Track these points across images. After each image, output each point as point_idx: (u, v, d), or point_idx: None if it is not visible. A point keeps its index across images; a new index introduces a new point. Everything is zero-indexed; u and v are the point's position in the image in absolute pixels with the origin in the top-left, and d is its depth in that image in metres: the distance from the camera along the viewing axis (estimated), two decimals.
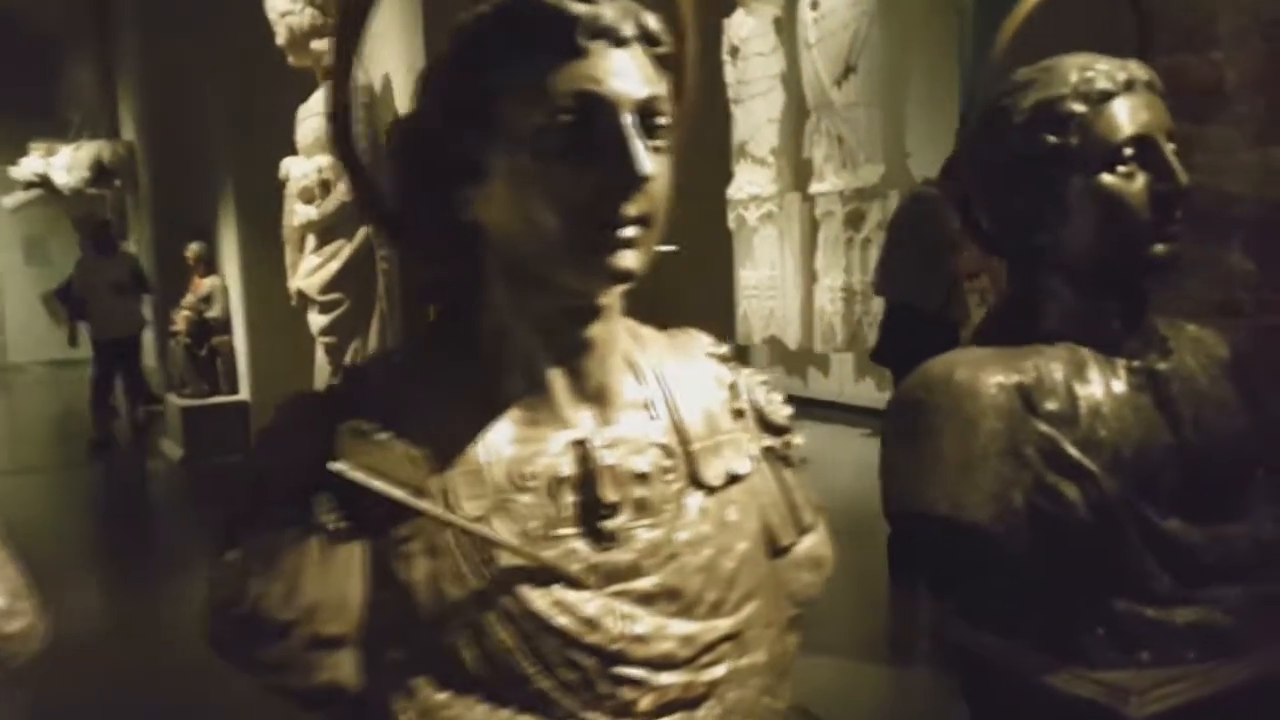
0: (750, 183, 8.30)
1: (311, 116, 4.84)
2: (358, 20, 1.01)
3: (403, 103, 4.95)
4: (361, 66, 4.82)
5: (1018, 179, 1.47)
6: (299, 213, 4.82)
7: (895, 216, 4.62)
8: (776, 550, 1.14)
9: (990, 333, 1.55)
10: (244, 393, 7.12)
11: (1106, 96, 1.43)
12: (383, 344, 4.80)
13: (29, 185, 10.51)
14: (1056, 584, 1.40)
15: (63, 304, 8.75)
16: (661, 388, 1.09)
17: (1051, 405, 1.41)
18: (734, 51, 8.22)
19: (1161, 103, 1.46)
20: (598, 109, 0.93)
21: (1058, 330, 1.48)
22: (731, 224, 8.44)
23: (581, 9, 0.94)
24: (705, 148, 8.56)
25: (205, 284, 7.42)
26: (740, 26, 8.17)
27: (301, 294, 4.86)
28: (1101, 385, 1.44)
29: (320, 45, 4.75)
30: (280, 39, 4.85)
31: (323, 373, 4.89)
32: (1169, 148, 1.42)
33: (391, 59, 5.10)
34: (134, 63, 9.12)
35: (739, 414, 1.14)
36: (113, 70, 10.92)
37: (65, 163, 10.32)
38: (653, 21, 1.00)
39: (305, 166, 4.81)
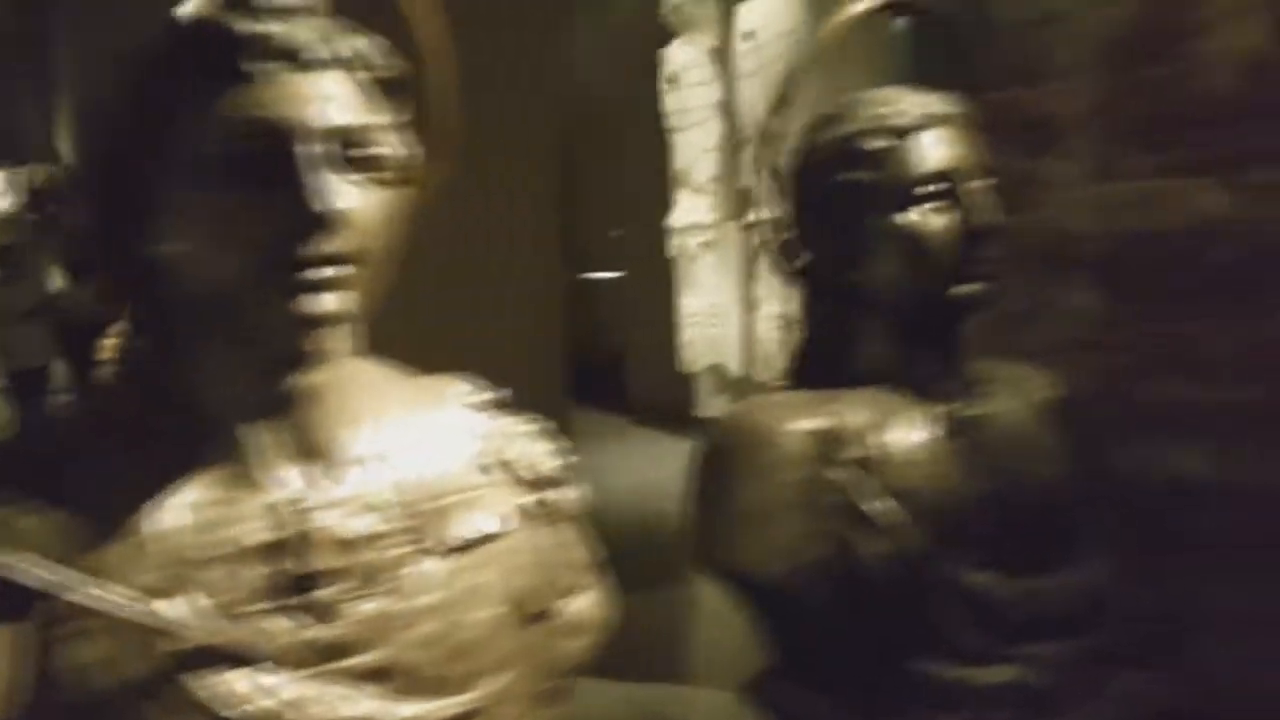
0: (690, 211, 8.27)
1: None
2: None
3: None
4: None
5: (823, 216, 1.42)
6: None
7: None
8: (536, 616, 1.06)
9: (801, 375, 1.49)
10: None
11: (908, 131, 1.38)
12: None
13: None
14: (859, 643, 1.34)
15: None
16: (394, 441, 1.00)
17: (853, 453, 1.35)
18: (672, 80, 8.22)
19: (970, 138, 1.41)
20: (271, 138, 0.86)
21: (868, 373, 1.42)
22: (673, 252, 8.40)
23: (251, 30, 0.86)
24: (646, 177, 8.58)
25: None
26: (678, 56, 8.17)
27: None
28: (908, 432, 1.38)
29: None
30: None
31: None
32: (973, 184, 1.37)
33: None
34: (70, 87, 9.00)
35: (493, 468, 1.06)
36: (51, 95, 10.78)
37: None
38: (362, 43, 0.93)
39: None
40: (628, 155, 8.36)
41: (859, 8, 1.50)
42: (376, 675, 0.91)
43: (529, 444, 1.11)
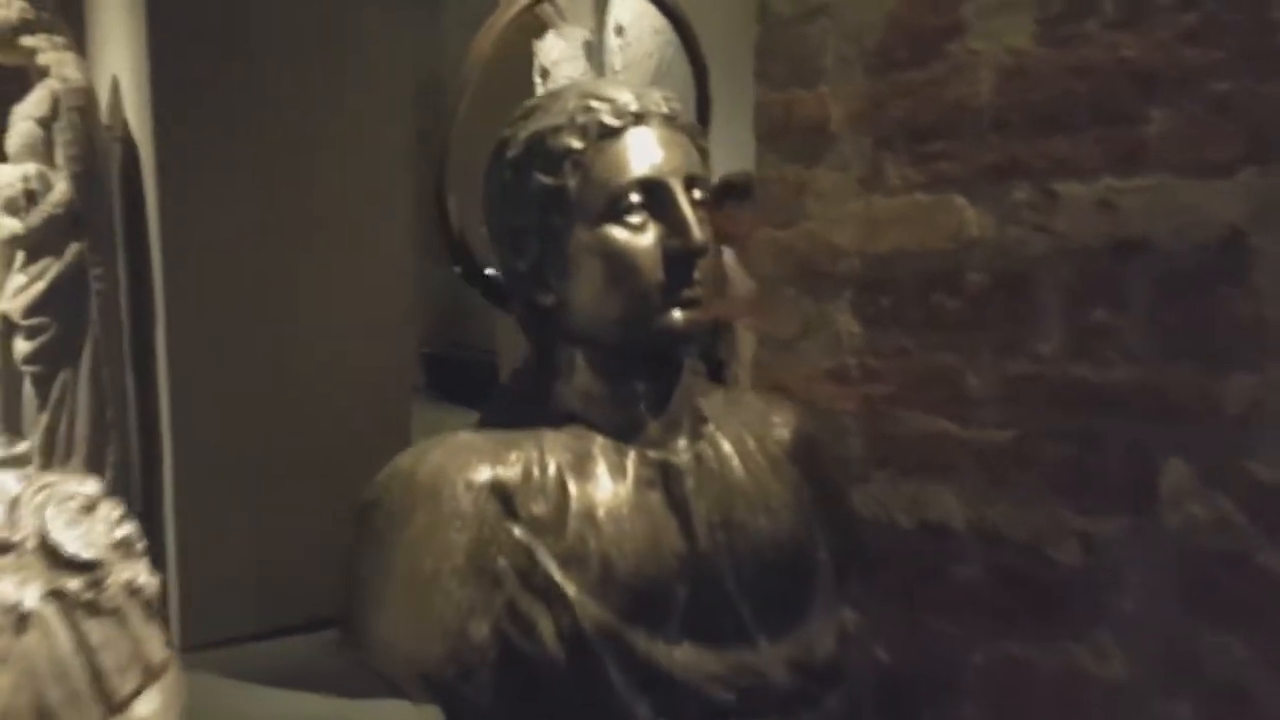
0: None
1: (23, 120, 4.37)
2: None
3: (130, 106, 4.53)
4: (80, 66, 4.39)
5: (515, 226, 1.22)
6: (3, 225, 4.34)
7: None
8: None
9: (505, 408, 1.29)
10: None
11: (611, 132, 1.17)
12: (95, 373, 4.35)
13: None
14: None
15: None
16: None
17: (537, 508, 1.13)
18: (544, 73, 7.98)
19: (688, 142, 1.22)
20: None
21: (573, 410, 1.22)
22: None
23: None
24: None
25: None
26: (551, 49, 7.93)
27: (5, 318, 4.37)
28: (607, 482, 1.17)
29: (32, 41, 4.30)
30: None
31: (30, 406, 4.41)
32: (684, 196, 1.17)
33: (117, 61, 4.68)
34: None
35: (12, 546, 0.83)
36: None
37: None
38: None
39: (11, 174, 4.33)
40: None
41: (514, 8, 1.29)
42: None
43: (71, 515, 0.87)
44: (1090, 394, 1.34)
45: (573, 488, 1.16)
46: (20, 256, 4.38)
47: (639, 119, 1.18)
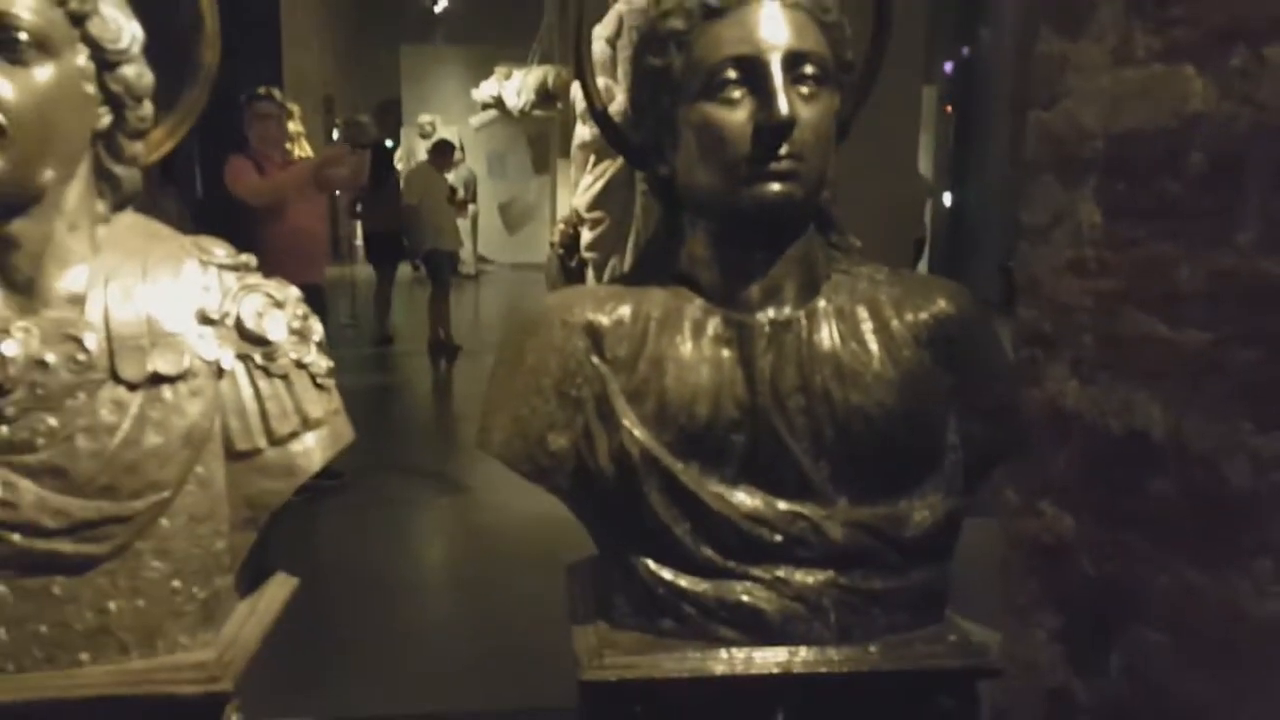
0: None
1: (597, 40, 5.11)
2: None
3: None
4: None
5: (635, 103, 1.37)
6: (578, 133, 5.16)
7: None
8: (242, 453, 1.23)
9: (634, 270, 1.46)
10: None
11: (714, 13, 1.27)
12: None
13: (485, 106, 11.97)
14: (596, 535, 1.33)
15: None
16: (103, 287, 1.18)
17: (620, 350, 1.31)
18: None
19: (805, 20, 1.26)
20: None
21: (686, 272, 1.36)
22: None
23: None
24: None
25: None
26: None
27: (576, 211, 5.23)
28: (685, 336, 1.31)
29: None
30: None
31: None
32: (780, 71, 1.22)
33: None
34: None
35: (216, 321, 1.23)
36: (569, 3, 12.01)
37: (516, 86, 11.64)
38: None
39: None
40: None
41: None
42: (40, 473, 1.11)
43: (259, 304, 1.26)
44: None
45: (652, 337, 1.31)
46: (591, 160, 5.19)
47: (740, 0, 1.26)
